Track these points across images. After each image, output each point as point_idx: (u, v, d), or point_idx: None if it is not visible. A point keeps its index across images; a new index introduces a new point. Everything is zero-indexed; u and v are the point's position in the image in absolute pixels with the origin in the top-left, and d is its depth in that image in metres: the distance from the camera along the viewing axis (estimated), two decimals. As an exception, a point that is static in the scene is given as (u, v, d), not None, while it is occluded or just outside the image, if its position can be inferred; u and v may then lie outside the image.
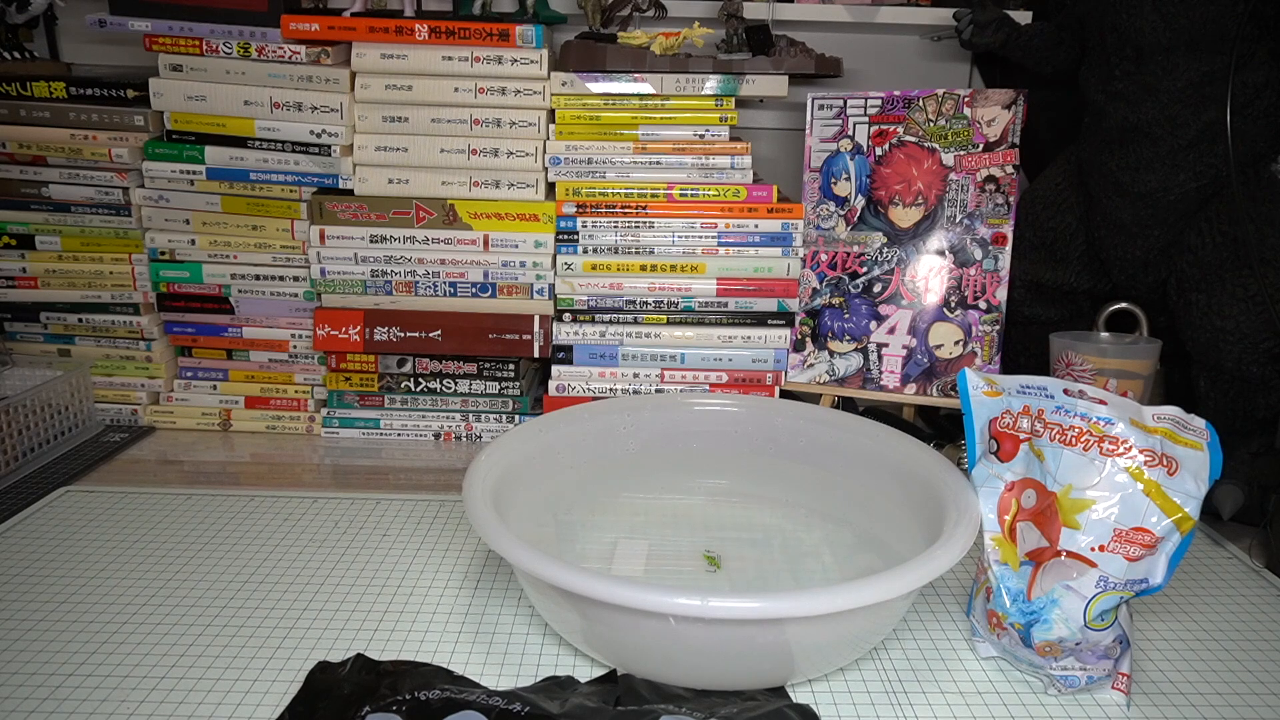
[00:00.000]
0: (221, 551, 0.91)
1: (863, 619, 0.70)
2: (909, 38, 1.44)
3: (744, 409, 1.05)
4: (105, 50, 1.41)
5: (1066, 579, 0.70)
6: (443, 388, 1.23)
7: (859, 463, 0.96)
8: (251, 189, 1.18)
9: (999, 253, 1.16)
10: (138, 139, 1.17)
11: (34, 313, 1.23)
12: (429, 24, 1.14)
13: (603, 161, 1.18)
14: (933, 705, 0.71)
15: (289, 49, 1.14)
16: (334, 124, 1.16)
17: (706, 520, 0.97)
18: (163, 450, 1.17)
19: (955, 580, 0.89)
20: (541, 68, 1.15)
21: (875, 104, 1.19)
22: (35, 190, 1.19)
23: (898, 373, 1.18)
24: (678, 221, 1.19)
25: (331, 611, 0.82)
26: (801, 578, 0.86)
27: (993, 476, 0.76)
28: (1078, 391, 0.74)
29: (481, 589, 0.86)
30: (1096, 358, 1.07)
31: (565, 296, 1.20)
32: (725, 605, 0.63)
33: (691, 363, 1.21)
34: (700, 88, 1.17)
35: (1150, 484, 0.69)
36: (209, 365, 1.25)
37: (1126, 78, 1.07)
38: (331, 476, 1.11)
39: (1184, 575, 0.92)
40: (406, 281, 1.20)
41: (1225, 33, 1.01)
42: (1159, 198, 1.08)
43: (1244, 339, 1.03)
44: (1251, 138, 1.05)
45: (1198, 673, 0.77)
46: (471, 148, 1.17)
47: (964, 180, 1.16)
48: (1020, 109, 1.14)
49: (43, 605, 0.81)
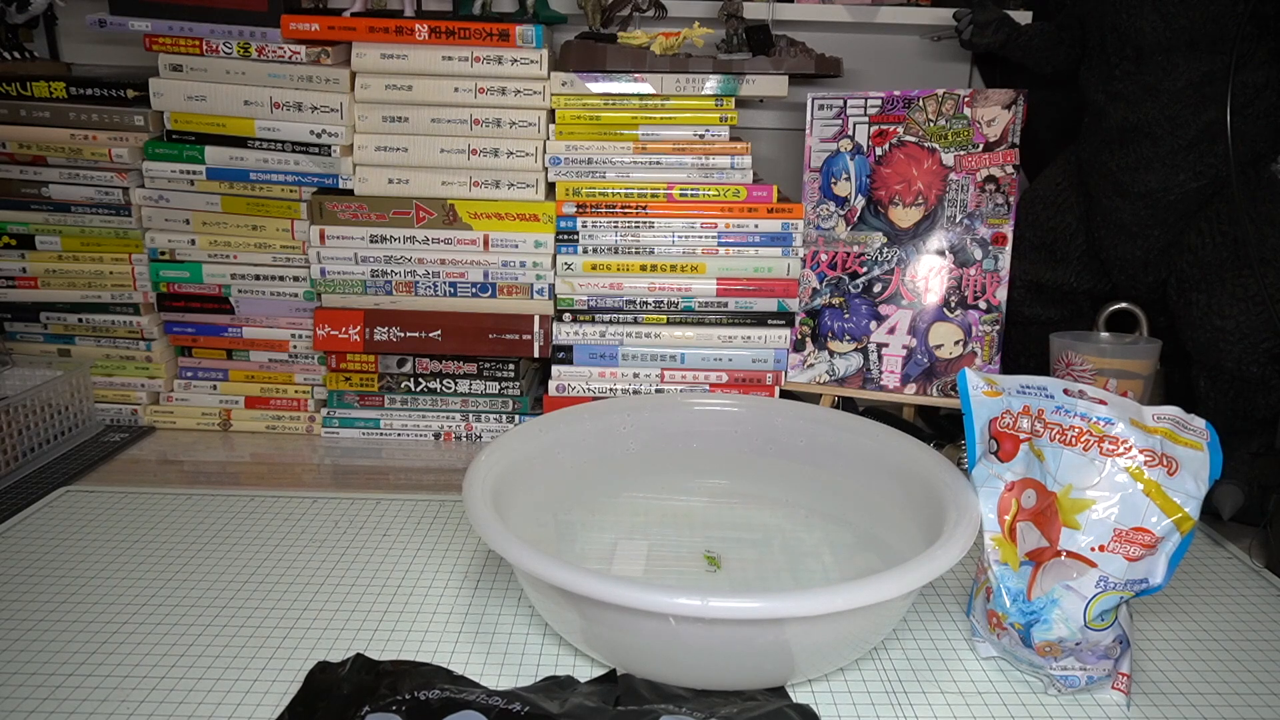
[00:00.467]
0: (221, 551, 0.91)
1: (863, 619, 0.70)
2: (909, 38, 1.44)
3: (744, 409, 1.05)
4: (105, 50, 1.41)
5: (1066, 579, 0.70)
6: (443, 388, 1.23)
7: (859, 463, 0.96)
8: (251, 189, 1.18)
9: (999, 253, 1.16)
10: (138, 139, 1.17)
11: (34, 313, 1.23)
12: (429, 24, 1.14)
13: (603, 161, 1.18)
14: (933, 705, 0.71)
15: (289, 49, 1.14)
16: (334, 124, 1.16)
17: (706, 520, 0.97)
18: (163, 450, 1.17)
19: (955, 580, 0.89)
20: (541, 68, 1.15)
21: (875, 104, 1.19)
22: (35, 190, 1.19)
23: (898, 373, 1.18)
24: (678, 221, 1.19)
25: (331, 611, 0.82)
26: (801, 578, 0.86)
27: (993, 476, 0.77)
28: (1078, 391, 0.74)
29: (481, 589, 0.86)
30: (1096, 358, 1.07)
31: (565, 296, 1.20)
32: (725, 605, 0.63)
33: (691, 363, 1.21)
34: (700, 88, 1.17)
35: (1150, 484, 0.69)
36: (209, 365, 1.25)
37: (1126, 78, 1.07)
38: (331, 476, 1.11)
39: (1184, 575, 0.92)
40: (406, 281, 1.20)
41: (1225, 33, 1.01)
42: (1159, 198, 1.08)
43: (1244, 339, 1.03)
44: (1251, 138, 1.05)
45: (1198, 673, 0.77)
46: (471, 148, 1.17)
47: (964, 180, 1.16)
48: (1020, 109, 1.14)
49: (43, 605, 0.81)
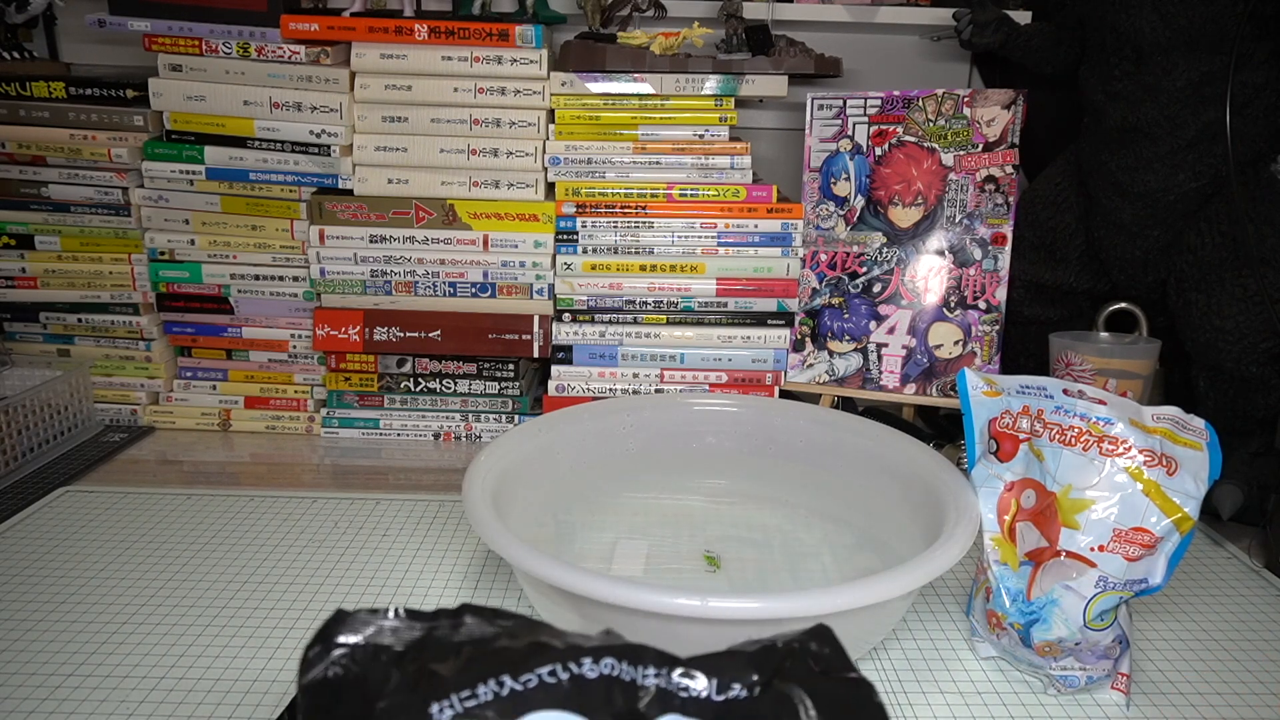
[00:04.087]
0: (221, 551, 0.91)
1: (863, 619, 0.70)
2: (909, 38, 1.44)
3: (744, 409, 1.05)
4: (105, 50, 1.41)
5: (1066, 579, 0.70)
6: (442, 388, 1.23)
7: (859, 463, 0.96)
8: (251, 189, 1.18)
9: (998, 253, 1.16)
10: (137, 139, 1.17)
11: (33, 313, 1.23)
12: (429, 24, 1.14)
13: (602, 161, 1.18)
14: (932, 705, 0.72)
15: (289, 49, 1.14)
16: (333, 124, 1.16)
17: (706, 520, 0.97)
18: (162, 450, 1.17)
19: (955, 580, 0.90)
20: (541, 68, 1.15)
21: (875, 104, 1.19)
22: (35, 190, 1.19)
23: (897, 373, 1.18)
24: (677, 221, 1.19)
25: (331, 611, 0.81)
26: (801, 578, 0.86)
27: (992, 476, 0.77)
28: (1077, 391, 0.74)
29: (481, 589, 0.86)
30: (1096, 358, 1.07)
31: (565, 296, 1.20)
32: (725, 605, 0.63)
33: (691, 363, 1.21)
34: (700, 88, 1.17)
35: (1150, 484, 0.69)
36: (208, 365, 1.25)
37: (1126, 78, 1.07)
38: (331, 476, 1.11)
39: (1184, 575, 0.92)
40: (406, 281, 1.20)
41: (1225, 33, 1.01)
42: (1159, 198, 1.08)
43: (1243, 339, 1.03)
44: (1251, 138, 1.05)
45: (1197, 673, 0.77)
46: (471, 148, 1.17)
47: (964, 180, 1.16)
48: (1020, 109, 1.15)
49: (43, 605, 0.81)
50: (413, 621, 0.43)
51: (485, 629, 0.43)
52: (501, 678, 0.39)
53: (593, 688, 0.40)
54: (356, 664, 0.41)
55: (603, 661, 0.41)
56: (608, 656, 0.41)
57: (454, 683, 0.39)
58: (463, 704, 0.39)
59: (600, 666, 0.41)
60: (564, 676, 0.40)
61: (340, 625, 0.42)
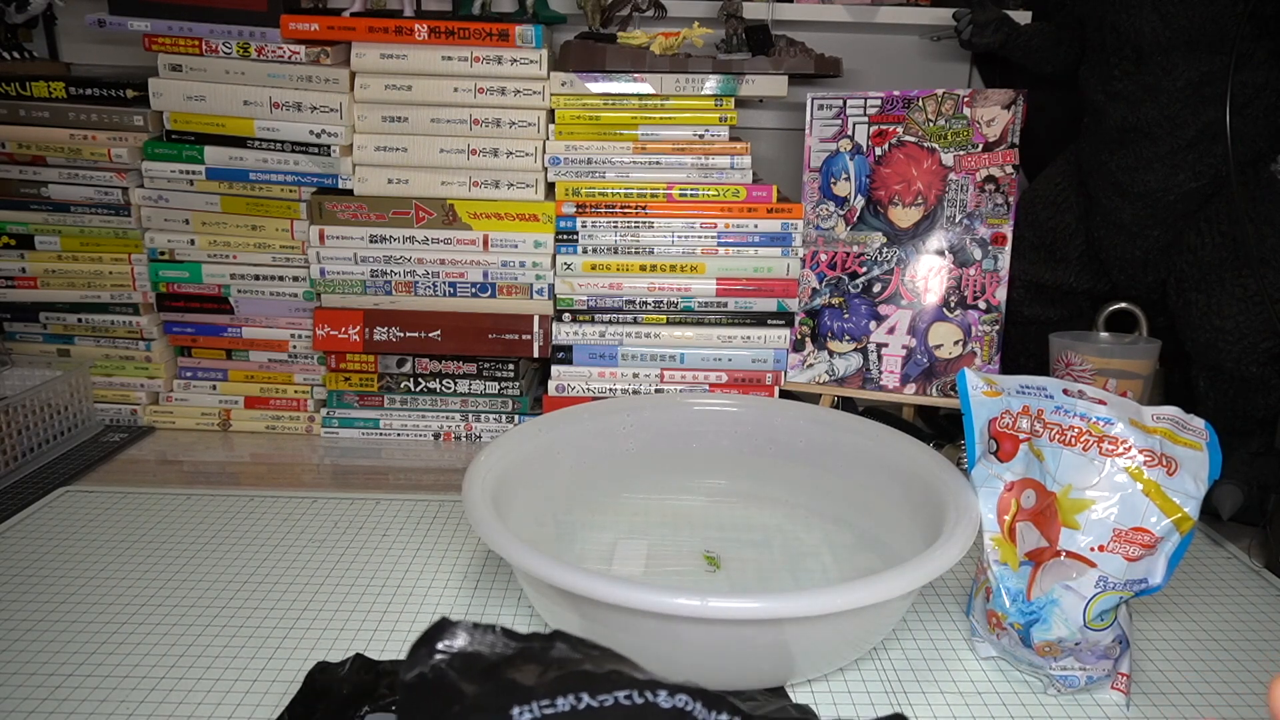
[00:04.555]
0: (221, 551, 0.91)
1: (863, 619, 0.70)
2: (909, 38, 1.44)
3: (744, 409, 1.05)
4: (105, 50, 1.41)
5: (1066, 579, 0.70)
6: (442, 388, 1.23)
7: (859, 463, 0.96)
8: (251, 189, 1.18)
9: (998, 253, 1.16)
10: (137, 139, 1.17)
11: (33, 313, 1.23)
12: (429, 24, 1.14)
13: (602, 161, 1.18)
14: (932, 705, 0.72)
15: (288, 49, 1.14)
16: (333, 124, 1.16)
17: (706, 520, 0.97)
18: (162, 450, 1.17)
19: (955, 580, 0.90)
20: (541, 68, 1.15)
21: (875, 104, 1.19)
22: (35, 190, 1.19)
23: (897, 373, 1.18)
24: (677, 221, 1.19)
25: (331, 611, 0.82)
26: (801, 578, 0.86)
27: (992, 476, 0.77)
28: (1077, 391, 0.74)
29: (481, 589, 0.86)
30: (1096, 358, 1.07)
31: (565, 296, 1.20)
32: (725, 605, 0.63)
33: (691, 363, 1.21)
34: (700, 88, 1.17)
35: (1150, 484, 0.69)
36: (208, 365, 1.25)
37: (1126, 78, 1.07)
38: (331, 476, 1.11)
39: (1184, 575, 0.92)
40: (406, 281, 1.20)
41: (1225, 33, 1.01)
42: (1159, 198, 1.08)
43: (1243, 339, 1.03)
44: (1251, 138, 1.05)
45: (1197, 673, 0.77)
46: (471, 148, 1.17)
47: (964, 180, 1.16)
48: (1020, 109, 1.15)
49: (43, 605, 0.81)
50: (509, 639, 0.47)
51: (572, 654, 0.47)
52: (580, 694, 0.43)
53: (664, 717, 0.43)
54: (453, 668, 0.45)
55: (678, 696, 0.44)
56: (684, 694, 0.44)
57: (537, 692, 0.43)
58: (541, 710, 0.42)
59: (675, 700, 0.44)
60: (639, 701, 0.43)
61: (443, 631, 0.46)
